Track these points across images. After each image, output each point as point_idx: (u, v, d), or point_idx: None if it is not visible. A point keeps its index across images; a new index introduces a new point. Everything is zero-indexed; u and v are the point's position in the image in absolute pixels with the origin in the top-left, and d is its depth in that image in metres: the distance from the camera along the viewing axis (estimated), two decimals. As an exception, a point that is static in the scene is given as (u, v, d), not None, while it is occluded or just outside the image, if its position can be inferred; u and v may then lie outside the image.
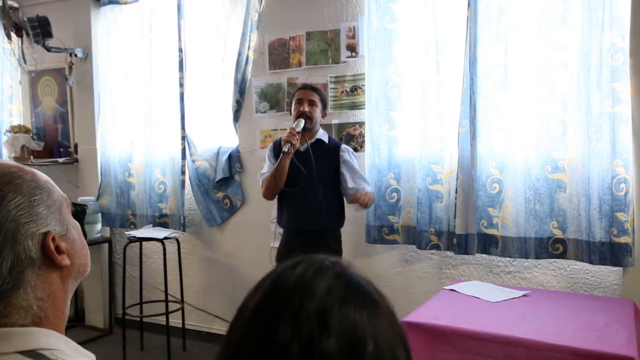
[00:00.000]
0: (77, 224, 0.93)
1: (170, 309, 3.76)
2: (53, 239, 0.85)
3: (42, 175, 0.89)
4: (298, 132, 2.78)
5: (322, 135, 2.96)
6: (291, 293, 0.59)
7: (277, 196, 2.98)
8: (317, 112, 2.92)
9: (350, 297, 0.59)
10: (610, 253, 2.69)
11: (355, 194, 2.82)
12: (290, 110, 3.01)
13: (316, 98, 2.91)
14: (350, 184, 2.87)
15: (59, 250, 0.85)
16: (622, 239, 2.66)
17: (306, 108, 2.86)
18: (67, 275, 0.88)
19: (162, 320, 3.78)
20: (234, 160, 3.88)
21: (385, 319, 0.61)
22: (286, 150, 2.74)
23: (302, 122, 2.82)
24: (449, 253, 3.21)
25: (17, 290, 0.81)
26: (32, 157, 4.48)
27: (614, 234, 2.68)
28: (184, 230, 4.03)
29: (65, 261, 0.86)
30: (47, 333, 0.82)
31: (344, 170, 2.89)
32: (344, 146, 2.99)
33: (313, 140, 2.91)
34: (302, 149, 2.86)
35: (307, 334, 0.55)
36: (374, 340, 0.57)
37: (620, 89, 2.67)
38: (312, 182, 2.79)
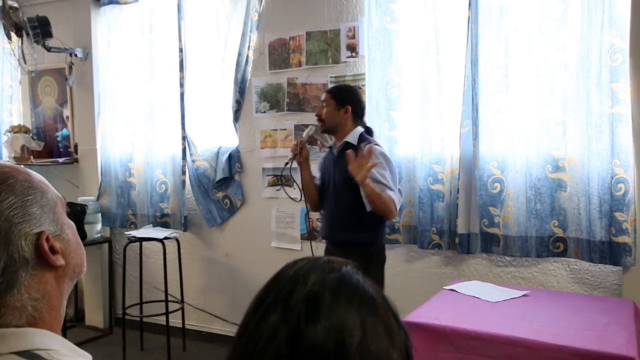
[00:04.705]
0: (72, 224, 0.92)
1: (170, 309, 3.76)
2: (47, 239, 0.84)
3: (36, 175, 0.88)
4: (301, 141, 2.68)
5: (351, 137, 2.64)
6: (287, 283, 0.62)
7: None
8: (327, 110, 2.67)
9: (342, 288, 0.61)
10: (610, 252, 2.70)
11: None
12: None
13: (325, 97, 2.70)
14: None
15: (53, 250, 0.85)
16: (621, 239, 2.67)
17: (317, 112, 2.75)
18: (62, 275, 0.87)
19: (162, 320, 3.78)
20: (234, 160, 3.88)
21: (380, 316, 0.61)
22: (289, 164, 2.67)
23: (311, 130, 2.73)
24: (449, 253, 3.21)
25: (10, 290, 0.80)
26: (32, 157, 4.48)
27: (612, 233, 2.69)
28: (184, 230, 4.03)
29: (60, 261, 0.86)
30: (42, 333, 0.82)
31: None
32: (372, 147, 2.50)
33: (342, 143, 2.66)
34: (335, 153, 2.69)
35: (295, 318, 0.58)
36: (362, 332, 0.58)
37: (619, 89, 2.67)
38: (335, 190, 2.62)
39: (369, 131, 2.76)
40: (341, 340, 0.56)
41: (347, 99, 2.70)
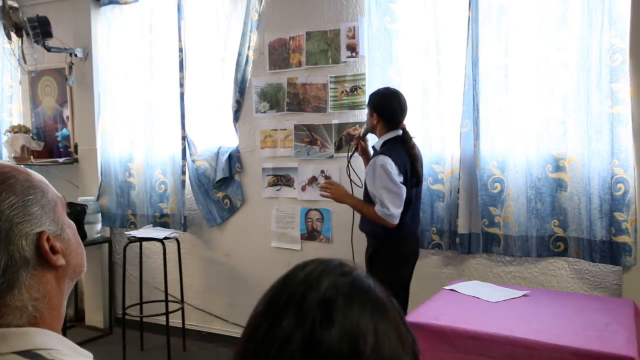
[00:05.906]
0: (73, 223, 0.92)
1: (170, 309, 3.76)
2: (47, 239, 0.84)
3: (36, 175, 0.88)
4: (358, 136, 2.99)
5: (378, 143, 2.77)
6: (298, 286, 0.61)
7: None
8: (367, 116, 2.85)
9: (354, 293, 0.60)
10: (610, 252, 2.71)
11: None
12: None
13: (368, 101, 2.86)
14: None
15: (53, 250, 0.85)
16: (621, 239, 2.67)
17: None
18: (62, 275, 0.87)
19: (162, 320, 3.78)
20: (234, 160, 3.88)
21: (391, 321, 0.61)
22: (352, 156, 3.06)
23: (362, 129, 2.97)
24: (449, 253, 3.22)
25: (11, 290, 0.81)
26: (32, 157, 4.48)
27: (612, 233, 2.69)
28: (184, 230, 4.03)
29: (60, 261, 0.86)
30: (43, 333, 0.82)
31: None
32: (376, 158, 2.63)
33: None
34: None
35: (309, 323, 0.57)
36: (375, 337, 0.57)
37: (619, 89, 2.68)
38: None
39: (399, 137, 2.71)
40: (355, 345, 0.56)
41: (375, 106, 2.76)
